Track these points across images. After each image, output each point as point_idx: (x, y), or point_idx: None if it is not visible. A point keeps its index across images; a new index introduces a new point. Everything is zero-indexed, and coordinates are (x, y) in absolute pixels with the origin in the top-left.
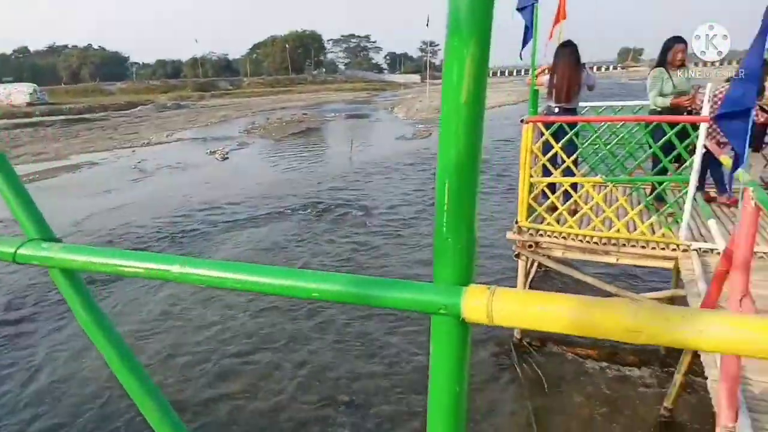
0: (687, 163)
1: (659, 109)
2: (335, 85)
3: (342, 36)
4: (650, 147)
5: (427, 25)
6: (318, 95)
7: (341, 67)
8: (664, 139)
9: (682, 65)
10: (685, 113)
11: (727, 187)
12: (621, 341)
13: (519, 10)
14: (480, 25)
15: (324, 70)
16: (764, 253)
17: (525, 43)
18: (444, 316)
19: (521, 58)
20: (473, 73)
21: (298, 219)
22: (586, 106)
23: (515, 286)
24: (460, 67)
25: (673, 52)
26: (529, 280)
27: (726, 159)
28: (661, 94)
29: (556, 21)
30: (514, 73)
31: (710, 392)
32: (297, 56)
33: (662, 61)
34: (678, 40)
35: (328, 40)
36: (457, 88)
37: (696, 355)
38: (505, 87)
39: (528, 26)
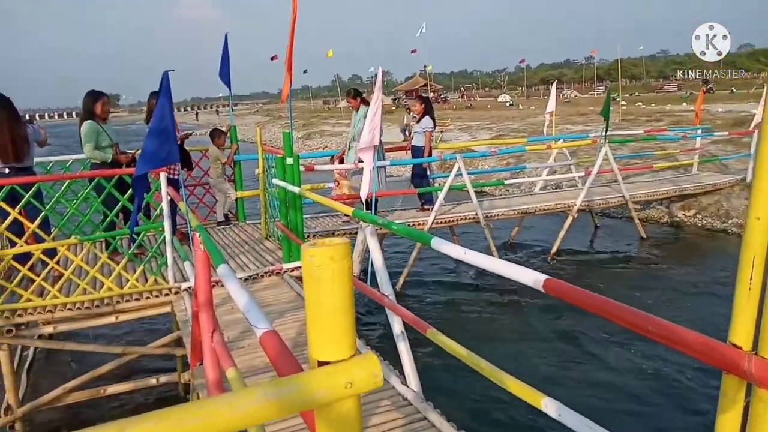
0: (158, 211)
1: (98, 162)
2: None
3: None
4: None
5: None
6: None
7: None
8: (104, 193)
9: (106, 118)
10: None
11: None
12: None
13: None
14: None
15: None
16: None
17: None
18: None
19: None
20: None
21: None
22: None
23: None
24: None
25: (100, 104)
26: (26, 367)
27: (182, 204)
28: (99, 147)
29: None
30: None
31: None
32: None
33: (92, 114)
34: (101, 94)
35: None
36: None
37: None
38: None
39: None
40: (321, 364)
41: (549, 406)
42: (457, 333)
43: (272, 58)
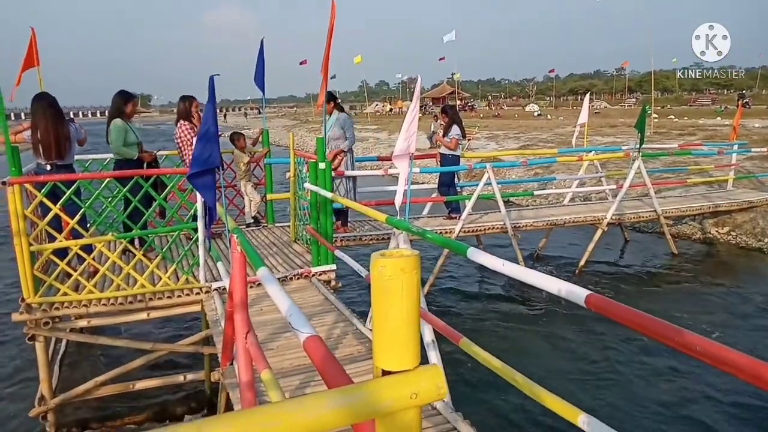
0: (192, 211)
1: (124, 159)
2: None
3: None
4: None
5: None
6: None
7: None
8: (141, 192)
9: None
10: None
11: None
12: None
13: None
14: None
15: None
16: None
17: None
18: None
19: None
20: None
21: None
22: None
23: (38, 377)
24: None
25: (132, 105)
26: (59, 360)
27: (220, 206)
28: (126, 144)
29: (25, 66)
30: None
31: None
32: None
33: (121, 113)
34: (132, 95)
35: None
36: None
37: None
38: None
39: None
40: (385, 373)
41: (586, 422)
42: (484, 344)
43: (301, 63)
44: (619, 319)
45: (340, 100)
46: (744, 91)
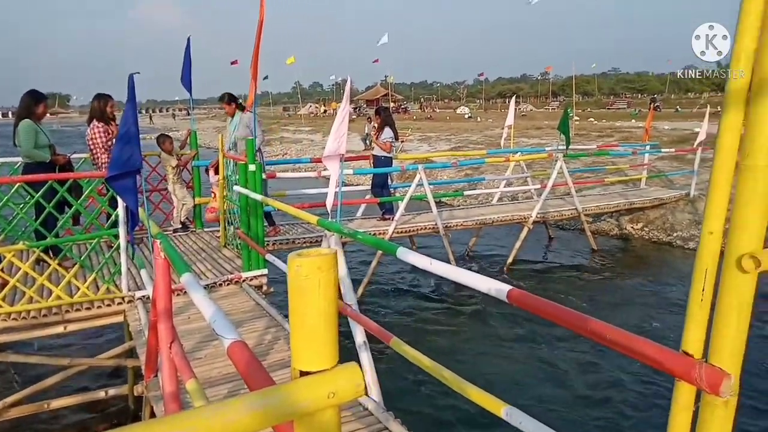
0: (113, 217)
1: (34, 162)
2: None
3: None
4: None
5: None
6: None
7: None
8: (56, 198)
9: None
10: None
11: None
12: None
13: None
14: None
15: None
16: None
17: None
18: None
19: None
20: None
21: None
22: None
23: None
24: None
25: (43, 106)
26: None
27: (142, 211)
28: (37, 147)
29: None
30: None
31: None
32: None
33: (30, 114)
34: (43, 96)
35: None
36: None
37: None
38: None
39: None
40: (304, 374)
41: (510, 414)
42: (418, 342)
43: (233, 63)
44: (538, 311)
45: (240, 100)
46: (656, 95)
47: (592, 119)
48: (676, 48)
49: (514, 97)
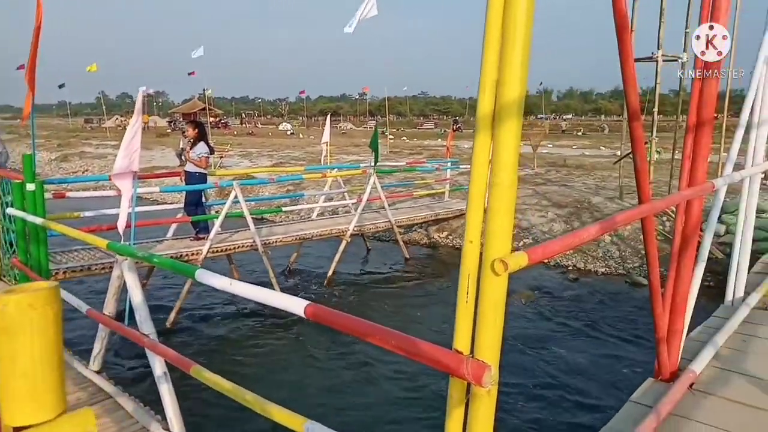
0: None
1: None
2: None
3: None
4: None
5: None
6: None
7: None
8: None
9: None
10: None
11: None
12: None
13: None
14: None
15: None
16: None
17: None
18: None
19: None
20: None
21: None
22: None
23: None
24: None
25: None
26: None
27: None
28: None
29: None
30: None
31: None
32: None
33: None
34: None
35: None
36: None
37: None
38: None
39: None
40: (19, 430)
41: (310, 429)
42: (234, 365)
43: (19, 68)
44: (334, 324)
45: None
46: (458, 118)
47: (404, 138)
48: (473, 74)
49: (329, 115)
